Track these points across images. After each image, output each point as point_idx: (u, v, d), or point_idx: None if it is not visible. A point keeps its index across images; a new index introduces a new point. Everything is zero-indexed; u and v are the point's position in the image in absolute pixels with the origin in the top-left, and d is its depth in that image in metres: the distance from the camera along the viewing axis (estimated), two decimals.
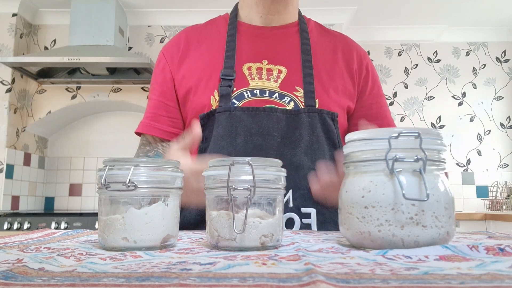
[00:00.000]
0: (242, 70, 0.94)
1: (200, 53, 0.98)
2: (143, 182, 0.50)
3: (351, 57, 1.00)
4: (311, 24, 1.04)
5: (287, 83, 0.92)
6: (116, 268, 0.37)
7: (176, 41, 1.02)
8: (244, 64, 0.95)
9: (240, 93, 0.91)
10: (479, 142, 3.42)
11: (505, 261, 0.37)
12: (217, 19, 1.05)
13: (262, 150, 0.86)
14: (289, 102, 0.90)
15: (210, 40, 1.00)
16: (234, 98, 0.90)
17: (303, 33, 0.99)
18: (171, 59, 0.99)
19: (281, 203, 0.53)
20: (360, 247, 0.49)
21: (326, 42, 1.01)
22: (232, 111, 0.88)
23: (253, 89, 0.92)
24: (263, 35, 0.99)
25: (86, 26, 2.88)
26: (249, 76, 0.93)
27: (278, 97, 0.91)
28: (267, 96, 0.91)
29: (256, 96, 0.91)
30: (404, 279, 0.31)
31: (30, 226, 2.44)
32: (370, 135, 0.48)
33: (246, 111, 0.88)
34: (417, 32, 3.46)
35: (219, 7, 3.05)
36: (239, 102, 0.90)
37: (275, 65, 0.95)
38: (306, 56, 0.96)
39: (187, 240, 0.60)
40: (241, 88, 0.92)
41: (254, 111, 0.88)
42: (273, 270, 0.35)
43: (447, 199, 0.47)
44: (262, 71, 0.94)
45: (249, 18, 1.01)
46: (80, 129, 3.34)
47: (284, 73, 0.94)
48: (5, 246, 0.50)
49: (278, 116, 0.88)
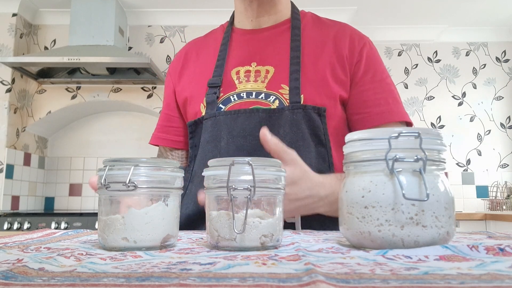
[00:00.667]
0: (230, 75, 0.95)
1: (197, 65, 1.02)
2: (143, 182, 0.50)
3: (343, 42, 0.96)
4: (306, 18, 1.02)
5: (273, 82, 0.92)
6: (116, 268, 0.37)
7: (178, 56, 1.08)
8: (233, 69, 0.96)
9: (227, 97, 0.93)
10: (479, 142, 3.42)
11: (505, 261, 0.37)
12: (217, 29, 1.08)
13: (244, 151, 0.86)
14: (274, 101, 0.90)
15: (207, 50, 1.04)
16: (221, 103, 0.92)
17: (294, 29, 0.98)
18: (173, 73, 1.06)
19: (281, 203, 0.53)
20: (360, 247, 0.49)
21: (318, 35, 0.98)
22: (217, 116, 0.90)
23: (239, 92, 0.92)
24: (254, 38, 1.00)
25: (86, 26, 2.88)
26: (237, 80, 0.94)
27: (264, 97, 0.91)
28: (253, 97, 0.91)
29: (243, 99, 0.91)
30: (404, 279, 0.31)
31: (30, 226, 2.44)
32: (370, 135, 0.48)
33: (229, 114, 0.89)
34: (417, 32, 3.46)
35: (219, 7, 3.06)
36: (225, 107, 0.92)
37: (264, 66, 0.94)
38: (294, 53, 0.94)
39: (187, 240, 0.60)
40: (228, 92, 0.93)
41: (236, 114, 0.89)
42: (273, 270, 0.35)
43: (447, 199, 0.47)
44: (251, 73, 0.94)
45: (242, 23, 1.03)
46: (80, 129, 3.34)
47: (271, 73, 0.93)
48: (5, 246, 0.50)
49: (260, 115, 0.88)
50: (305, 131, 0.88)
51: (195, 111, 0.96)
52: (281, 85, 0.91)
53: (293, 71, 0.92)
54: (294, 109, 0.88)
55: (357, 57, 0.95)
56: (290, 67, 0.93)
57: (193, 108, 0.97)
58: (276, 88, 0.91)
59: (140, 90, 3.10)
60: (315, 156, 0.88)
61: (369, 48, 0.98)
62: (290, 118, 0.87)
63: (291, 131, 0.87)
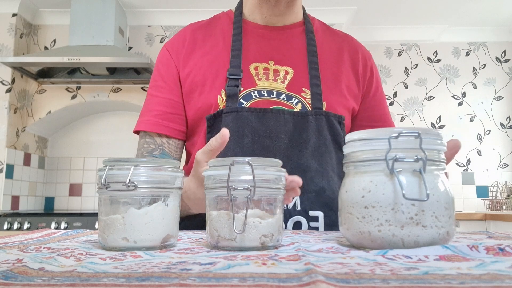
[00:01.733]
0: (249, 70, 0.93)
1: (205, 51, 0.96)
2: (143, 182, 0.50)
3: (357, 58, 1.00)
4: (316, 23, 1.03)
5: (294, 84, 0.91)
6: (116, 268, 0.37)
7: (181, 37, 0.99)
8: (251, 64, 0.93)
9: (248, 93, 0.90)
10: (479, 142, 3.42)
11: (505, 261, 0.37)
12: (221, 16, 1.03)
13: (269, 152, 0.85)
14: (297, 104, 0.90)
15: (215, 38, 0.98)
16: (242, 98, 0.89)
17: (308, 33, 0.98)
18: (176, 55, 0.97)
19: (281, 203, 0.53)
20: (360, 247, 0.49)
21: (331, 43, 1.01)
22: (240, 112, 0.87)
23: (260, 90, 0.90)
24: (268, 35, 0.98)
25: (86, 26, 2.88)
26: (256, 76, 0.92)
27: (285, 98, 0.90)
28: (275, 97, 0.90)
29: (264, 97, 0.90)
30: (404, 279, 0.31)
31: (30, 226, 2.44)
32: (370, 135, 0.48)
33: (254, 111, 0.87)
34: (417, 32, 3.46)
35: (219, 7, 3.05)
36: (246, 103, 0.89)
37: (282, 66, 0.94)
38: (312, 58, 0.95)
39: (187, 240, 0.59)
40: (248, 88, 0.90)
41: (262, 112, 0.87)
42: (273, 270, 0.35)
43: (447, 199, 0.47)
44: (269, 71, 0.93)
45: (252, 17, 1.00)
46: (80, 129, 3.34)
47: (291, 74, 0.93)
48: (5, 246, 0.50)
49: (286, 118, 0.87)
50: (327, 137, 0.89)
51: (209, 103, 0.90)
52: (302, 89, 0.91)
53: (313, 76, 0.93)
54: (317, 114, 0.89)
55: (369, 73, 1.01)
56: (309, 71, 0.93)
57: (206, 99, 0.91)
58: (298, 91, 0.91)
59: (140, 90, 3.10)
60: (336, 162, 0.90)
61: (374, 64, 1.04)
62: (314, 123, 0.88)
63: (315, 136, 0.88)
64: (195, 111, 0.92)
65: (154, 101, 0.96)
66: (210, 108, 0.90)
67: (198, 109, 0.92)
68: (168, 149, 0.95)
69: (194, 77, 0.93)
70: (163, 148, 0.95)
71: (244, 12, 1.01)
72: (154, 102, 0.96)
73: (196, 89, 0.93)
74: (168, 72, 0.96)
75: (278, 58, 0.94)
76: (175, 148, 0.96)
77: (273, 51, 0.95)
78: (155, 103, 0.96)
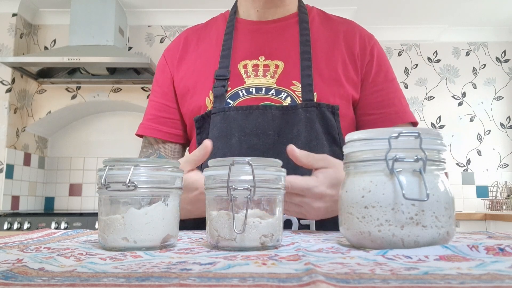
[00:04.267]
0: (237, 68, 0.92)
1: (198, 54, 0.97)
2: (143, 182, 0.50)
3: (353, 41, 0.95)
4: (313, 12, 1.01)
5: (284, 78, 0.89)
6: (116, 268, 0.37)
7: (176, 42, 1.02)
8: (240, 62, 0.92)
9: (235, 92, 0.89)
10: (479, 142, 3.42)
11: (505, 261, 0.37)
12: (218, 17, 1.03)
13: (257, 150, 0.84)
14: (286, 98, 0.87)
15: (209, 39, 0.99)
16: (229, 98, 0.88)
17: (302, 23, 0.95)
18: (170, 60, 1.00)
19: (281, 203, 0.53)
20: (360, 247, 0.49)
21: (327, 31, 0.97)
22: (226, 112, 0.86)
23: (248, 87, 0.89)
24: (260, 30, 0.96)
25: (86, 26, 2.88)
26: (245, 74, 0.91)
27: (274, 93, 0.88)
28: (263, 93, 0.88)
29: (252, 94, 0.88)
30: (404, 279, 0.31)
31: (30, 226, 2.44)
32: (370, 135, 0.48)
33: (240, 110, 0.86)
34: (417, 32, 3.46)
35: (219, 7, 3.05)
36: (234, 102, 0.88)
37: (272, 61, 0.92)
38: (304, 48, 0.92)
39: (187, 240, 0.59)
40: (236, 87, 0.89)
41: (248, 110, 0.86)
42: (273, 270, 0.35)
43: (447, 199, 0.47)
44: (259, 67, 0.91)
45: (247, 13, 0.99)
46: (80, 129, 3.34)
47: (281, 68, 0.90)
48: (5, 246, 0.50)
49: (273, 113, 0.85)
50: (319, 130, 0.86)
51: (199, 105, 0.91)
52: (292, 82, 0.89)
53: (304, 67, 0.89)
54: (307, 107, 0.85)
55: (368, 57, 0.94)
56: (301, 62, 0.90)
57: (196, 101, 0.92)
58: (287, 85, 0.88)
59: (140, 90, 3.10)
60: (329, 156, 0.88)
61: (378, 47, 0.98)
62: (304, 116, 0.85)
63: (305, 130, 0.85)
64: (188, 114, 0.94)
65: (150, 106, 1.01)
66: (200, 110, 0.91)
67: (191, 111, 0.93)
68: (164, 153, 0.97)
69: (187, 80, 0.95)
70: (159, 152, 0.97)
71: (239, 10, 1.01)
72: (149, 106, 1.01)
73: (188, 92, 0.94)
74: (162, 77, 1.00)
75: (269, 52, 0.93)
76: (172, 152, 0.98)
77: (265, 46, 0.94)
78: (150, 108, 1.00)
